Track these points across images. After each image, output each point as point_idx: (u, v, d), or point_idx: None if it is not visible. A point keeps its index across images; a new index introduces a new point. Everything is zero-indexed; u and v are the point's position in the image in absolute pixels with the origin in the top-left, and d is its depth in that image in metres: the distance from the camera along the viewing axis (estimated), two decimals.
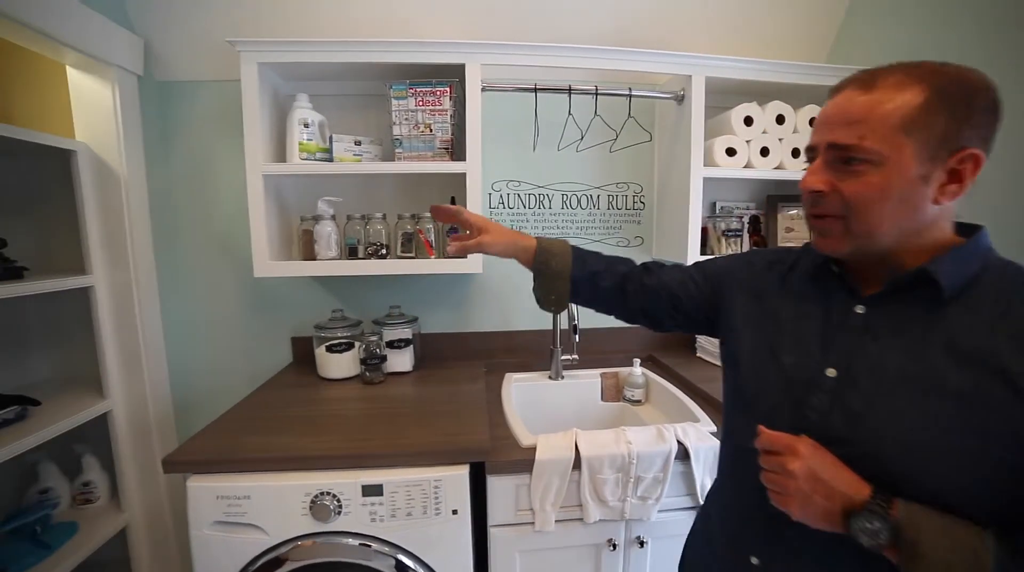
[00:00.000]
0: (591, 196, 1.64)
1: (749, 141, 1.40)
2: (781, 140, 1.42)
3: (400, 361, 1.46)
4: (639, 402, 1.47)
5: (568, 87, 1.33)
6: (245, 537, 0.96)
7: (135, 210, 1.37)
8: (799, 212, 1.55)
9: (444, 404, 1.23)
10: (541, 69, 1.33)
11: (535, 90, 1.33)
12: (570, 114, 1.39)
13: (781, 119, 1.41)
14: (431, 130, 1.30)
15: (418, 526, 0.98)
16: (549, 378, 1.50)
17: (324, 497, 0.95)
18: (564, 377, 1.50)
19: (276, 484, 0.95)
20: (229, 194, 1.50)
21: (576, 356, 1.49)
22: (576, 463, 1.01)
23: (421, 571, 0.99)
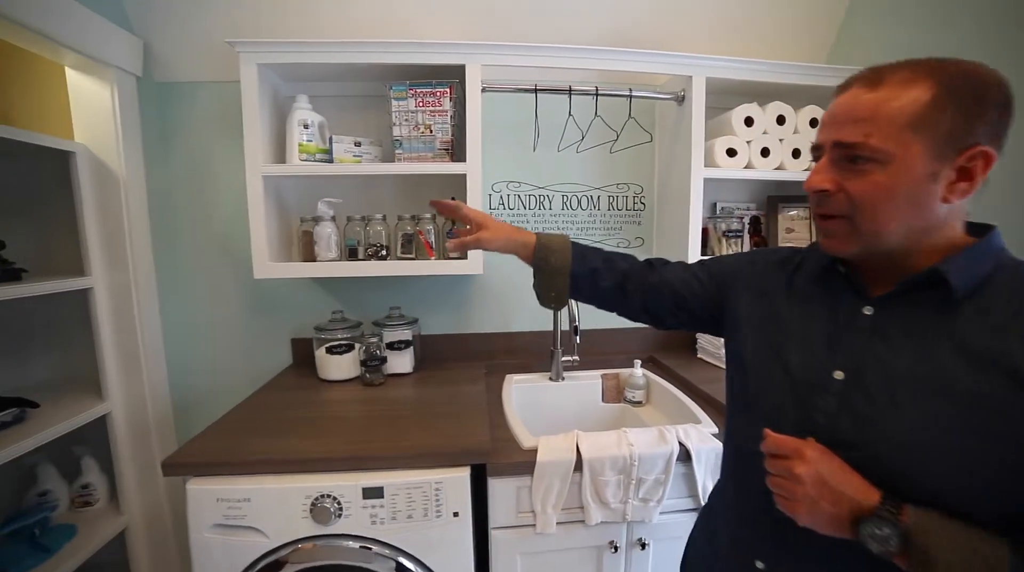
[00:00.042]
0: (591, 197, 1.63)
1: (749, 142, 1.39)
2: (782, 141, 1.42)
3: (400, 362, 1.45)
4: (640, 403, 1.46)
5: (568, 88, 1.33)
6: (245, 540, 0.95)
7: (134, 211, 1.36)
8: (799, 213, 1.55)
9: (444, 406, 1.23)
10: (541, 70, 1.33)
11: (535, 91, 1.33)
12: (570, 115, 1.39)
13: (782, 120, 1.41)
14: (431, 131, 1.30)
15: (419, 528, 0.98)
16: (550, 379, 1.50)
17: (324, 500, 0.94)
18: (565, 378, 1.50)
19: (276, 487, 0.95)
20: (229, 195, 1.49)
21: (577, 357, 1.48)
22: (577, 465, 1.01)
23: None
